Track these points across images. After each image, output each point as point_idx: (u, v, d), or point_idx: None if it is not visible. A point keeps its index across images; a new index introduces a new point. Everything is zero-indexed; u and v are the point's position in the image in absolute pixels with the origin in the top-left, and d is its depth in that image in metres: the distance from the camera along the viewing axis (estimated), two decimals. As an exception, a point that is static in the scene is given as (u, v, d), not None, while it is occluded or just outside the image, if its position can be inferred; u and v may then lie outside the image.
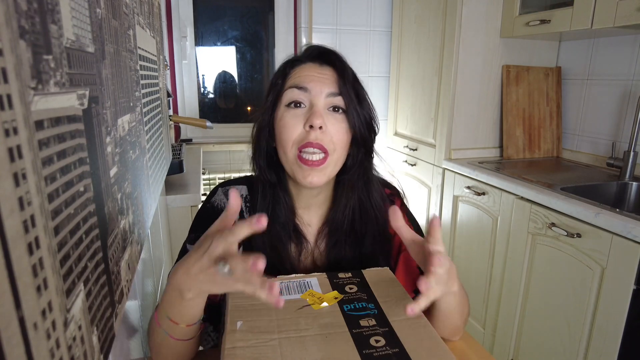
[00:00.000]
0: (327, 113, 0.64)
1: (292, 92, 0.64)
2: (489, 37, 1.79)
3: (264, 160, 0.69)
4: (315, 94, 0.63)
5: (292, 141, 0.63)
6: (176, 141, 2.19)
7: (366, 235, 0.71)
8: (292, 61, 0.67)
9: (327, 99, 0.64)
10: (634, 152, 1.51)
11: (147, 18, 0.88)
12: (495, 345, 1.62)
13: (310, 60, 0.67)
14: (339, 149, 0.65)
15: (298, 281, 0.59)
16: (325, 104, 0.64)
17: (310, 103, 0.63)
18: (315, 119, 0.61)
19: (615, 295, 1.12)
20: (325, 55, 0.66)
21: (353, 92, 0.65)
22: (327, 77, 0.65)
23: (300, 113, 0.64)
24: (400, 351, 0.47)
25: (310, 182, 0.64)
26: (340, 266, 0.70)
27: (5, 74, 0.23)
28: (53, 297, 0.29)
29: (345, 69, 0.66)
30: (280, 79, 0.66)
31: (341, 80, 0.64)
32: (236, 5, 2.33)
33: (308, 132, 0.62)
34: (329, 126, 0.63)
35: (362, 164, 0.69)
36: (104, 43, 0.47)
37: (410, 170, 2.19)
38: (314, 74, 0.64)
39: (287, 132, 0.63)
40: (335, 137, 0.64)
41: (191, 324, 0.54)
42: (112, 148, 0.48)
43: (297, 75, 0.65)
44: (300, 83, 0.63)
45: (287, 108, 0.64)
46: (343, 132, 0.65)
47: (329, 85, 0.64)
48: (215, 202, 0.71)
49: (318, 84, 0.63)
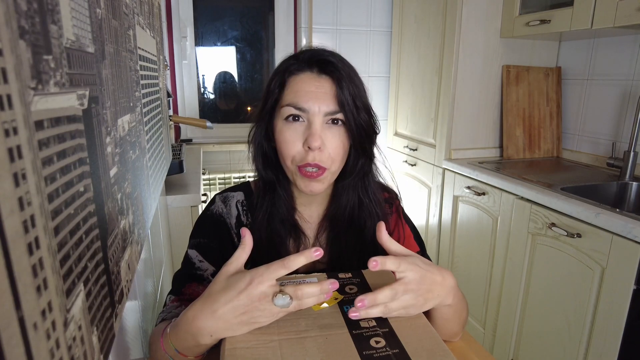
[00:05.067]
0: (325, 127, 0.63)
1: (289, 110, 0.63)
2: (489, 37, 1.79)
3: (262, 161, 0.70)
4: (313, 113, 0.62)
5: (292, 158, 0.64)
6: (176, 141, 2.19)
7: (366, 229, 0.72)
8: (290, 70, 0.65)
9: (326, 117, 0.63)
10: (634, 152, 1.50)
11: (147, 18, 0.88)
12: (495, 345, 1.62)
13: (308, 67, 0.64)
14: (338, 161, 0.65)
15: (298, 281, 0.59)
16: (324, 120, 0.63)
17: (309, 121, 0.63)
18: (313, 141, 0.61)
19: (615, 295, 1.12)
20: (323, 65, 0.64)
21: (352, 103, 0.63)
22: (325, 90, 0.63)
23: (300, 129, 0.63)
24: (400, 352, 0.47)
25: (310, 190, 0.65)
26: (340, 260, 0.71)
27: (5, 74, 0.23)
28: (53, 297, 0.29)
29: (343, 79, 0.63)
30: (277, 87, 0.65)
31: (340, 92, 0.62)
32: (236, 5, 2.33)
33: (307, 152, 0.62)
34: (327, 142, 0.63)
35: (363, 168, 0.70)
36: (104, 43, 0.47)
37: (410, 171, 2.19)
38: (311, 88, 0.63)
39: (286, 148, 0.64)
40: (334, 152, 0.64)
41: (199, 355, 0.54)
42: (112, 148, 0.48)
43: (295, 90, 0.63)
44: (298, 103, 0.62)
45: (285, 121, 0.64)
46: (341, 144, 0.65)
47: (327, 103, 0.62)
48: (214, 210, 0.72)
49: (316, 103, 0.62)
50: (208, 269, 0.68)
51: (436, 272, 0.56)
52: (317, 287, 0.50)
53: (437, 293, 0.56)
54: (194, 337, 0.50)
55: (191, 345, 0.51)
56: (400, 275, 0.53)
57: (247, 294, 0.47)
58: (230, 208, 0.72)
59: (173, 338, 0.52)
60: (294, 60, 0.66)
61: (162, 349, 0.54)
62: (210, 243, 0.69)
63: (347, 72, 0.64)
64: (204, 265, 0.68)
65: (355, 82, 0.65)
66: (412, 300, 0.53)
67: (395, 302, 0.52)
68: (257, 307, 0.48)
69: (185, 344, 0.52)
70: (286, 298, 0.47)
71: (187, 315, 0.51)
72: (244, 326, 0.49)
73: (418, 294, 0.53)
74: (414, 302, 0.53)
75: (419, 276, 0.53)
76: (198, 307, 0.50)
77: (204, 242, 0.70)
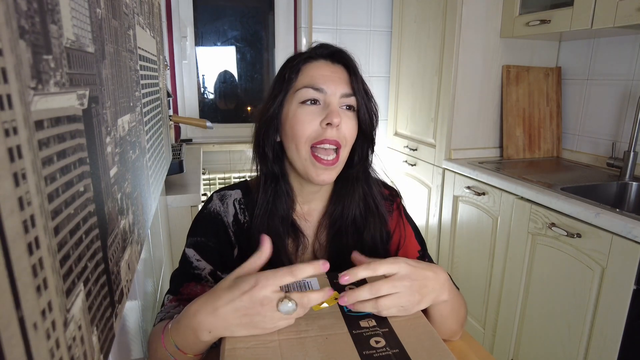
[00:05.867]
0: (341, 111, 0.66)
1: (307, 92, 0.65)
2: (489, 37, 1.79)
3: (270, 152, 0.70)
4: (330, 93, 0.65)
5: (307, 137, 0.65)
6: (176, 141, 2.19)
7: (367, 226, 0.72)
8: (305, 58, 0.69)
9: (341, 99, 0.66)
10: (634, 152, 1.50)
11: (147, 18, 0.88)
12: (495, 345, 1.62)
13: (322, 57, 0.69)
14: (349, 144, 0.68)
15: (298, 281, 0.59)
16: (339, 103, 0.66)
17: (325, 102, 0.65)
18: (334, 117, 0.63)
19: (615, 295, 1.12)
20: (337, 55, 0.69)
21: (363, 90, 0.68)
22: (340, 76, 0.67)
23: (316, 110, 0.65)
24: (400, 352, 0.47)
25: (322, 180, 0.67)
26: (341, 259, 0.71)
27: (5, 74, 0.23)
28: (53, 297, 0.29)
29: (355, 68, 0.69)
30: (293, 73, 0.67)
31: (353, 80, 0.67)
32: (236, 5, 2.33)
33: (324, 129, 0.64)
34: (342, 124, 0.66)
35: (367, 158, 0.73)
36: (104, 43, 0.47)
37: (410, 171, 2.19)
38: (327, 73, 0.66)
39: (301, 128, 0.65)
40: (348, 134, 0.67)
41: (199, 354, 0.54)
42: (112, 148, 0.48)
43: (310, 74, 0.66)
44: (316, 84, 0.65)
45: (301, 105, 0.66)
46: (354, 128, 0.68)
47: (342, 86, 0.66)
48: (212, 208, 0.72)
49: (332, 85, 0.65)
50: (205, 268, 0.68)
51: (427, 268, 0.56)
52: (320, 294, 0.50)
53: (432, 287, 0.56)
54: (194, 332, 0.50)
55: (191, 341, 0.51)
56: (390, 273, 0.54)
57: (249, 296, 0.47)
58: (228, 206, 0.72)
59: (174, 334, 0.53)
60: (306, 52, 0.70)
61: (162, 345, 0.54)
62: (208, 242, 0.69)
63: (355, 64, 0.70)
64: (202, 265, 0.68)
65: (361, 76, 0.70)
66: (407, 296, 0.53)
67: (388, 299, 0.52)
68: (259, 312, 0.48)
69: (185, 339, 0.52)
70: (292, 304, 0.47)
71: (190, 309, 0.51)
72: (243, 328, 0.49)
73: (412, 290, 0.54)
74: (410, 297, 0.54)
75: (409, 271, 0.54)
76: (201, 302, 0.50)
77: (201, 240, 0.70)
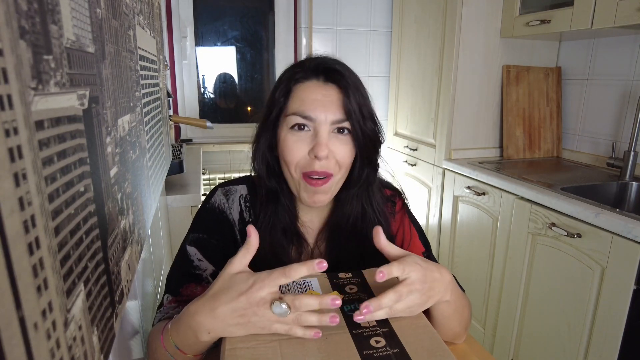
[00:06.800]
0: (332, 136, 0.63)
1: (295, 119, 0.62)
2: (489, 37, 1.79)
3: (264, 169, 0.68)
4: (320, 121, 0.61)
5: (296, 164, 0.63)
6: (176, 141, 2.19)
7: (367, 238, 0.70)
8: (296, 78, 0.65)
9: (332, 125, 0.62)
10: (634, 152, 1.50)
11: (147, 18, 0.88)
12: (495, 345, 1.62)
13: (314, 75, 0.64)
14: (344, 169, 0.65)
15: (298, 282, 0.59)
16: (331, 130, 0.63)
17: (315, 129, 0.62)
18: (320, 150, 0.60)
19: (615, 295, 1.12)
20: (331, 74, 0.63)
21: (358, 112, 0.63)
22: (332, 99, 0.62)
23: (305, 137, 0.62)
24: (400, 351, 0.47)
25: (314, 202, 0.65)
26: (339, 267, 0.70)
27: (5, 74, 0.23)
28: (53, 297, 0.29)
29: (349, 88, 0.62)
30: (282, 96, 0.64)
31: (346, 101, 0.62)
32: (236, 6, 2.33)
33: (312, 160, 0.62)
34: (334, 150, 0.63)
35: (367, 178, 0.69)
36: (104, 43, 0.47)
37: (410, 171, 2.19)
38: (318, 96, 0.62)
39: (290, 155, 0.63)
40: (340, 159, 0.63)
41: (199, 354, 0.54)
42: (112, 148, 0.48)
43: (301, 98, 0.63)
44: (305, 111, 0.61)
45: (290, 130, 0.63)
46: (348, 153, 0.64)
47: (333, 111, 0.62)
48: (215, 202, 0.71)
49: (322, 112, 0.61)
50: (207, 269, 0.66)
51: (435, 269, 0.56)
52: (317, 299, 0.48)
53: (437, 290, 0.56)
54: (194, 332, 0.50)
55: (191, 340, 0.51)
56: (403, 276, 0.52)
57: (247, 296, 0.47)
58: (233, 202, 0.70)
59: (174, 333, 0.52)
60: (299, 68, 0.65)
61: (162, 346, 0.54)
62: (211, 239, 0.68)
63: (353, 80, 0.64)
64: (203, 265, 0.66)
65: (361, 91, 0.64)
66: (417, 299, 0.53)
67: (400, 304, 0.52)
68: (255, 312, 0.47)
69: (185, 339, 0.51)
70: (283, 306, 0.47)
71: (189, 309, 0.51)
72: (240, 328, 0.48)
73: (422, 293, 0.53)
74: (418, 301, 0.53)
75: (422, 275, 0.53)
76: (200, 302, 0.50)
77: (203, 237, 0.68)
